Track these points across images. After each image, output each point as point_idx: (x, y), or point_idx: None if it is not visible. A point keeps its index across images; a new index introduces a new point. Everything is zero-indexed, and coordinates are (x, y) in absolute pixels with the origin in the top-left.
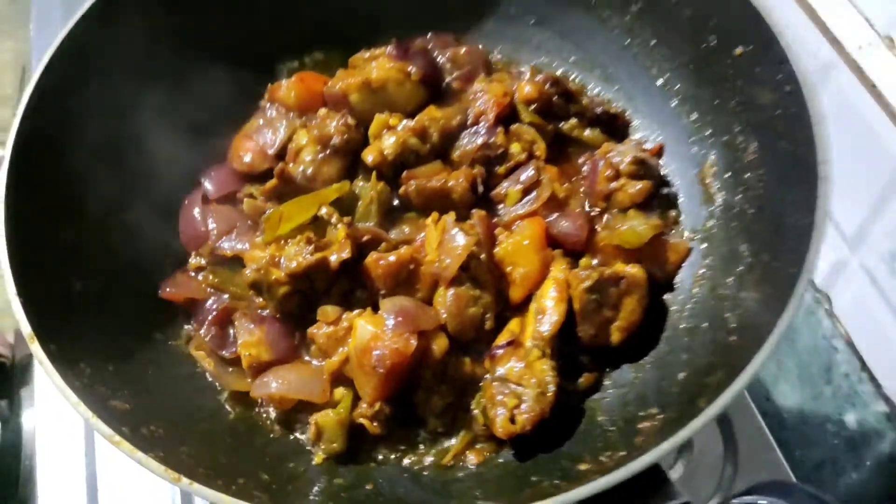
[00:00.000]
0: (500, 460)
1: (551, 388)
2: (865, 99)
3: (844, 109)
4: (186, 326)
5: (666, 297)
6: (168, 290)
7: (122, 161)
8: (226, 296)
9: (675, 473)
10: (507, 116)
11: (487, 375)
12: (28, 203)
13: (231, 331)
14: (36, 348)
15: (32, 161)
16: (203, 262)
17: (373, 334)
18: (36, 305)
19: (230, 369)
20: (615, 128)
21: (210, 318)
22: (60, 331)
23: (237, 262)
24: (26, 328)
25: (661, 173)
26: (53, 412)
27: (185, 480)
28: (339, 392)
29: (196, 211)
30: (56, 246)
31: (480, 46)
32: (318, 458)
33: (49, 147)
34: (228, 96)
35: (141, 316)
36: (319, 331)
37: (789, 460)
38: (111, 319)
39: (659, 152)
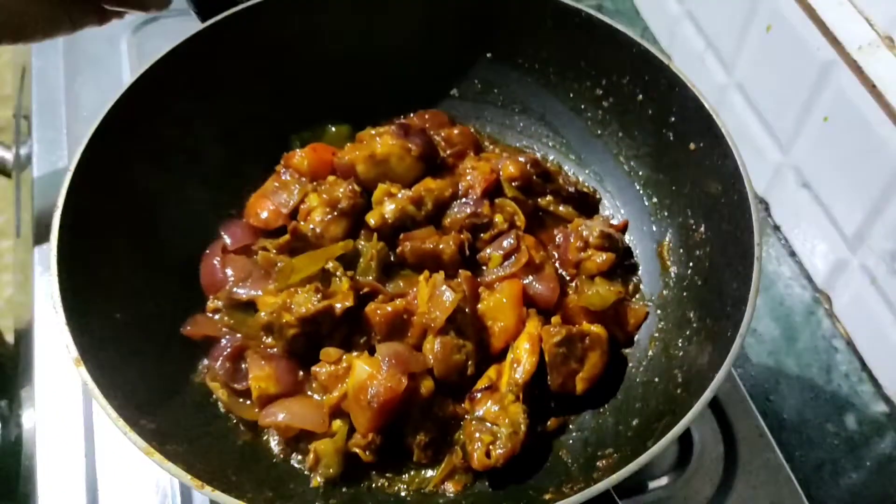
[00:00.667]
0: (476, 490)
1: (523, 428)
2: (865, 99)
3: (844, 109)
4: (203, 361)
5: (625, 352)
6: (188, 328)
7: (155, 217)
8: (239, 335)
9: (666, 479)
10: (493, 191)
11: (467, 415)
12: (75, 250)
13: (243, 366)
14: (82, 370)
15: (77, 218)
16: (220, 304)
17: (369, 374)
18: (81, 335)
19: (240, 399)
20: (586, 205)
21: (225, 354)
22: (100, 358)
23: (250, 306)
24: (73, 353)
25: (625, 246)
26: (53, 412)
27: (207, 488)
28: (337, 424)
29: (216, 260)
30: (98, 288)
31: (472, 128)
32: (315, 481)
33: (92, 208)
34: (248, 162)
35: (166, 350)
36: (322, 369)
37: (789, 461)
38: (141, 351)
39: (624, 228)
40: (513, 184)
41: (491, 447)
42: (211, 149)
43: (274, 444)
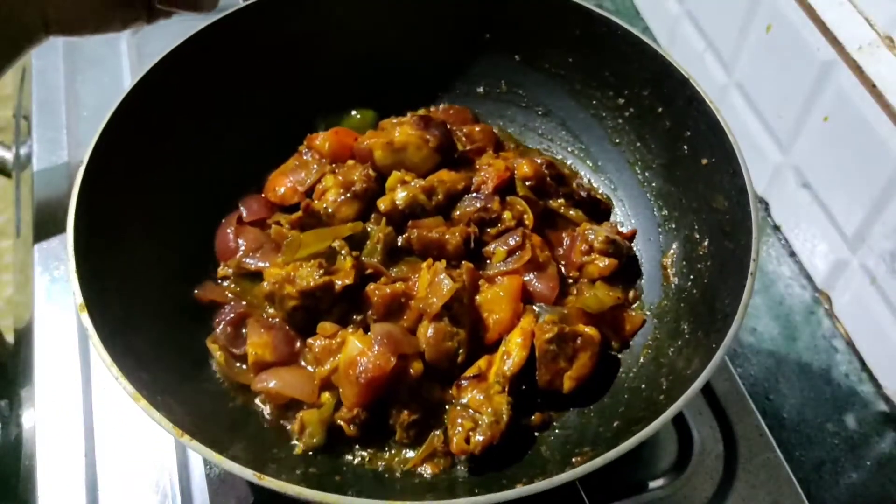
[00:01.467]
0: (453, 475)
1: (504, 418)
2: (865, 99)
3: (844, 109)
4: (206, 326)
5: (618, 358)
6: (198, 291)
7: (178, 185)
8: (244, 302)
9: (666, 478)
10: (505, 188)
11: (453, 401)
12: (93, 215)
13: (243, 332)
14: (84, 317)
15: (95, 189)
16: (230, 272)
17: (360, 350)
18: (88, 284)
19: (237, 364)
20: (597, 211)
21: (227, 319)
22: (105, 308)
23: (257, 276)
24: (79, 299)
25: (631, 254)
26: (53, 412)
27: (186, 437)
28: (325, 396)
29: (230, 230)
30: (110, 248)
31: (494, 128)
32: (298, 448)
33: (113, 178)
34: (273, 142)
35: (171, 309)
36: (316, 342)
37: (789, 461)
38: (147, 308)
39: (632, 236)
40: (526, 183)
41: (471, 433)
42: (239, 128)
43: (264, 409)
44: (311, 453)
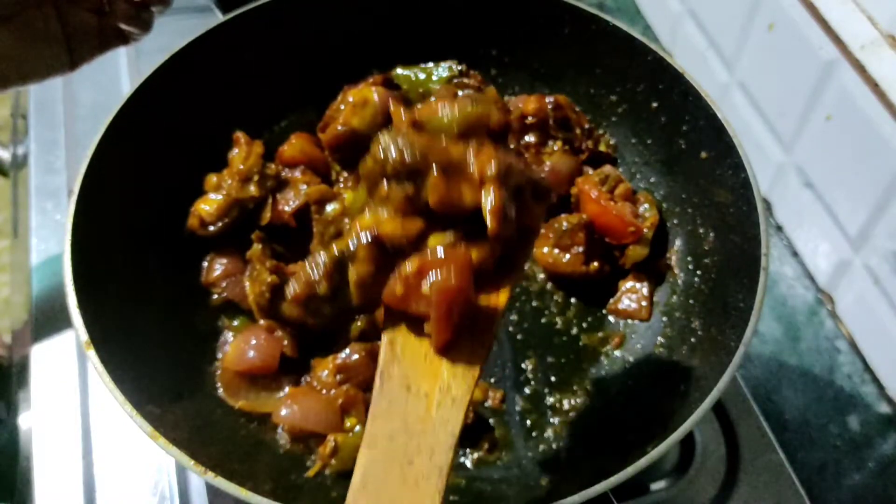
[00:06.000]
0: (475, 487)
1: None
2: (868, 98)
3: (847, 108)
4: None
5: (629, 360)
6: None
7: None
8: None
9: (668, 480)
10: None
11: None
12: (89, 235)
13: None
14: (91, 354)
15: (93, 202)
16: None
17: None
18: (92, 320)
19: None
20: (597, 162)
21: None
22: (110, 344)
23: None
24: (83, 336)
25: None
26: (50, 414)
27: (210, 474)
28: (352, 420)
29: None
30: (111, 275)
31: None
32: (311, 471)
33: (101, 197)
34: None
35: (178, 340)
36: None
37: (792, 462)
38: (152, 340)
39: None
40: (526, 120)
41: None
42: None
43: (279, 435)
44: (332, 477)
